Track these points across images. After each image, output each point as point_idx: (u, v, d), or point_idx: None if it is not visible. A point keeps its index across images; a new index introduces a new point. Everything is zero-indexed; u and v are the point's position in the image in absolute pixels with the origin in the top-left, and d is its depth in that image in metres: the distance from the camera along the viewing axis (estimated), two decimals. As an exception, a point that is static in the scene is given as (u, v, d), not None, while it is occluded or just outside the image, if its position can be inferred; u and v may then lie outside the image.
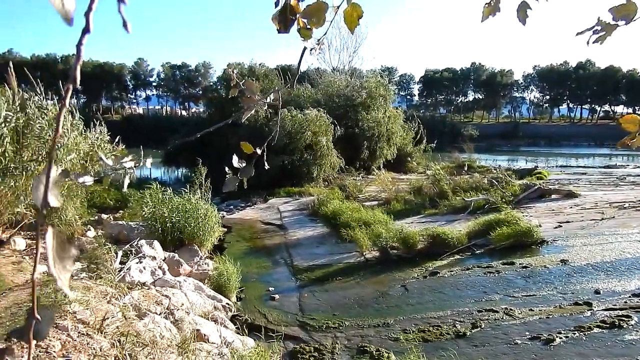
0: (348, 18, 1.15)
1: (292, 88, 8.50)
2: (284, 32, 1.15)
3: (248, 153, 1.40)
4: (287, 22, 1.13)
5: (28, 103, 8.71)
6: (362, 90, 23.70)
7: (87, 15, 0.58)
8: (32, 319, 0.60)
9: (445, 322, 6.52)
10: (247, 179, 1.44)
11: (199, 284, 7.22)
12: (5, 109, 7.86)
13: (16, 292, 4.99)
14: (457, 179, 15.90)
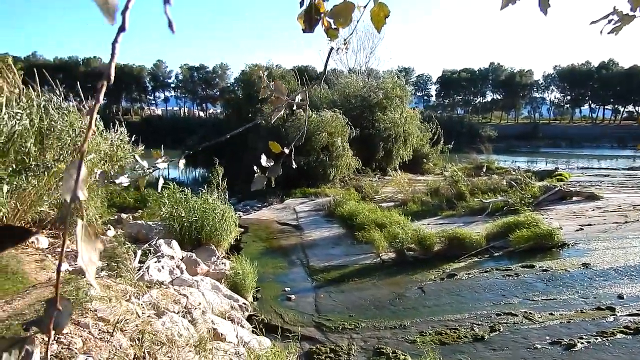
0: (375, 17, 1.14)
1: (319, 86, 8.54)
2: (309, 31, 1.15)
3: (275, 152, 1.41)
4: (312, 22, 1.13)
5: (50, 105, 8.92)
6: (379, 91, 23.59)
7: (124, 13, 0.59)
8: (54, 309, 0.61)
9: (462, 325, 6.44)
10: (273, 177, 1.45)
11: (216, 283, 7.28)
12: (28, 111, 8.06)
13: (39, 289, 5.10)
14: (475, 180, 15.71)
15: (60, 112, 8.84)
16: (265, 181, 1.45)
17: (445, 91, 76.50)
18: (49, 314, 0.60)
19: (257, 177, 1.44)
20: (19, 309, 4.32)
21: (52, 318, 0.60)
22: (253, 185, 1.44)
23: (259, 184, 1.44)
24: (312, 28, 1.15)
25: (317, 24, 1.15)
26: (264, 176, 1.43)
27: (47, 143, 8.36)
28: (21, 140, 7.60)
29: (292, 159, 1.42)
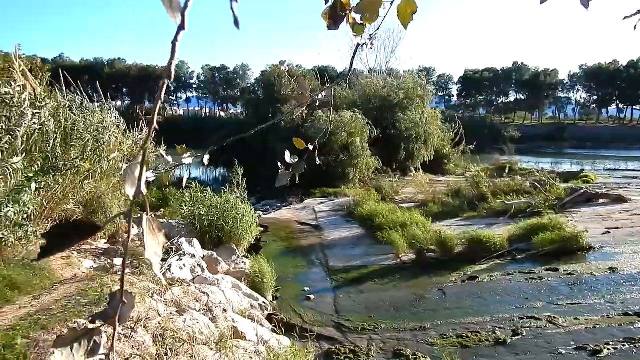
0: (402, 13, 1.13)
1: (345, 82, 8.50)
2: (334, 28, 1.15)
3: (299, 149, 1.41)
4: (337, 19, 1.13)
5: (74, 105, 9.16)
6: (399, 91, 23.43)
7: (183, 13, 0.60)
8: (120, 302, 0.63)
9: (484, 328, 6.35)
10: (298, 174, 1.45)
11: (236, 282, 7.34)
12: (53, 111, 8.28)
13: (65, 285, 5.22)
14: (497, 182, 15.44)
15: (83, 112, 9.06)
16: (289, 177, 1.46)
17: (467, 91, 75.45)
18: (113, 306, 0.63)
19: (281, 173, 1.44)
20: (46, 305, 4.43)
21: (117, 310, 0.63)
22: (278, 181, 1.44)
23: (283, 180, 1.44)
24: (337, 25, 1.14)
25: (342, 21, 1.14)
26: (288, 172, 1.44)
27: (71, 142, 8.57)
28: (46, 139, 7.80)
29: (316, 155, 1.42)
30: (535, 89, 69.64)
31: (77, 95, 9.82)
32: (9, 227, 5.82)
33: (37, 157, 7.60)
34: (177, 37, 0.63)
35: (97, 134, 8.97)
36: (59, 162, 7.96)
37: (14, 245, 5.99)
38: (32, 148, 7.62)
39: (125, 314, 0.64)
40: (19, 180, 6.42)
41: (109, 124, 9.52)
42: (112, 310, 0.63)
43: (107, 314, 0.63)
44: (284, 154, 1.50)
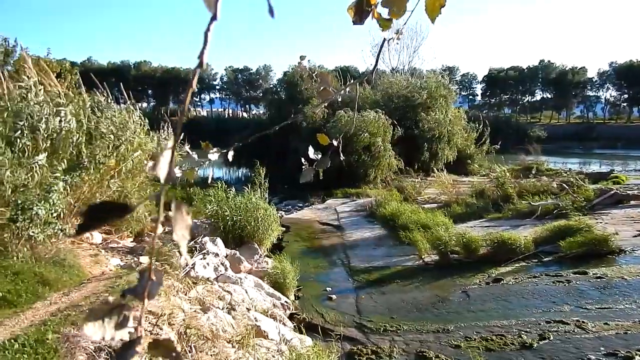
0: (430, 7, 1.10)
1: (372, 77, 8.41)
2: (359, 23, 1.13)
3: (324, 145, 1.41)
4: (363, 14, 1.11)
5: (100, 106, 9.40)
6: (422, 91, 23.21)
7: (216, 3, 0.62)
8: (149, 279, 0.67)
9: (509, 331, 6.22)
10: (322, 171, 1.45)
11: (259, 281, 7.39)
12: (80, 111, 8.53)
13: (94, 282, 5.36)
14: (523, 182, 15.13)
15: (106, 113, 9.27)
16: (313, 173, 1.45)
17: (491, 90, 74.10)
18: (142, 283, 0.66)
19: (305, 169, 1.44)
20: (75, 301, 4.55)
21: (146, 286, 0.66)
22: (302, 177, 1.44)
23: (307, 176, 1.44)
24: (363, 20, 1.13)
25: (368, 16, 1.12)
26: (311, 168, 1.44)
27: (95, 142, 8.80)
28: (69, 137, 8.01)
29: (340, 150, 1.42)
30: (563, 88, 67.88)
31: (103, 96, 10.08)
32: (39, 226, 6.00)
33: (63, 156, 7.81)
34: (210, 27, 0.65)
35: (120, 134, 9.18)
36: (85, 159, 8.17)
37: (44, 243, 6.17)
38: (57, 147, 7.84)
39: (153, 291, 0.67)
40: (47, 179, 6.62)
41: (132, 124, 9.74)
42: (142, 287, 0.66)
43: (137, 290, 0.67)
44: (304, 154, 1.50)
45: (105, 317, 0.64)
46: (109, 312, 0.64)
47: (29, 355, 3.41)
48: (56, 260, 6.03)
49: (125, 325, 0.66)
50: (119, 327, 0.65)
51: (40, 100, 7.69)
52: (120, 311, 0.65)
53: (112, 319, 0.64)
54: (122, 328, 0.65)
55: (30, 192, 6.26)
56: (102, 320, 0.64)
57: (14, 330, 3.92)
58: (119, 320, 0.65)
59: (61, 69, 14.85)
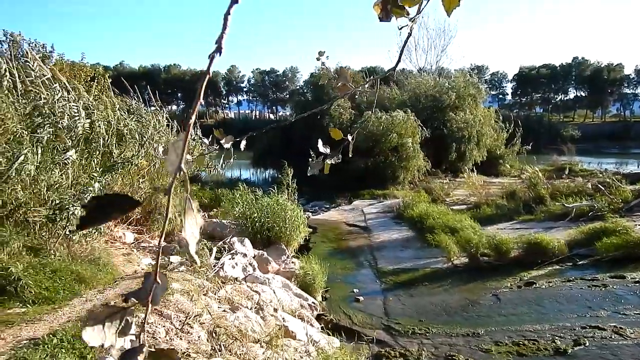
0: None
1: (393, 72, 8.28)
2: (386, 20, 1.12)
3: (337, 139, 1.40)
4: (390, 10, 1.09)
5: (131, 109, 9.66)
6: (450, 91, 22.88)
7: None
8: (153, 282, 0.63)
9: (542, 336, 6.06)
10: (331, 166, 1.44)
11: (286, 281, 7.43)
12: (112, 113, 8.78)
13: (126, 281, 5.50)
14: (556, 183, 14.70)
15: (137, 116, 9.51)
16: (321, 166, 1.45)
17: (522, 89, 72.38)
18: (146, 286, 0.63)
19: (313, 162, 1.44)
20: (110, 299, 4.68)
21: (151, 290, 0.63)
22: (310, 169, 1.44)
23: (315, 168, 1.44)
24: (389, 17, 1.11)
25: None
26: (320, 161, 1.43)
27: (125, 143, 9.04)
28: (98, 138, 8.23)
29: (351, 146, 1.41)
30: (598, 85, 65.63)
31: (133, 99, 10.35)
32: (75, 225, 6.20)
33: (95, 157, 8.04)
34: (230, 11, 0.64)
35: (146, 134, 9.41)
36: (117, 160, 8.40)
37: (80, 241, 6.38)
38: (89, 148, 8.07)
39: (158, 295, 0.64)
40: (81, 179, 6.84)
41: (159, 125, 9.98)
42: (146, 291, 0.63)
43: (141, 293, 0.63)
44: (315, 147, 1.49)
45: (106, 321, 0.60)
46: (109, 316, 0.60)
47: (67, 350, 3.52)
48: (91, 258, 6.22)
49: (127, 331, 0.61)
50: (120, 333, 0.61)
51: (71, 103, 7.92)
52: (122, 316, 0.61)
53: (113, 324, 0.60)
54: (123, 334, 0.61)
55: (65, 191, 6.47)
56: (102, 324, 0.60)
57: (53, 326, 4.06)
58: (121, 326, 0.61)
59: (95, 73, 15.34)
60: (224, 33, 0.64)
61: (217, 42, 0.64)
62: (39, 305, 4.85)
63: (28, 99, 6.94)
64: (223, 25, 0.64)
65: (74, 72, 13.87)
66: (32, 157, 5.90)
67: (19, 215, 5.73)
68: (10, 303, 4.81)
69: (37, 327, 4.11)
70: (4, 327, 4.13)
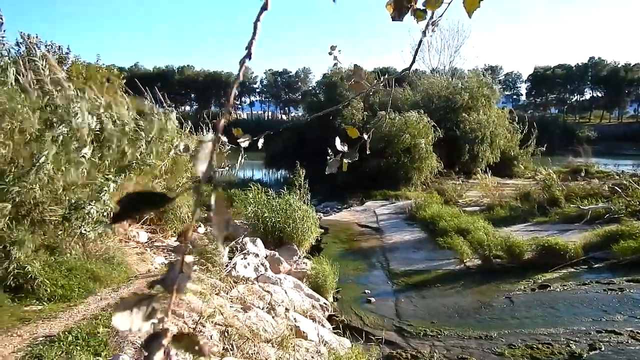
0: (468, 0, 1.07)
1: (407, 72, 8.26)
2: (398, 19, 1.12)
3: (353, 137, 1.41)
4: (402, 10, 1.10)
5: (142, 110, 9.76)
6: (464, 91, 22.71)
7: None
8: (179, 271, 0.68)
9: (557, 340, 5.98)
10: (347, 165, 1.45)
11: (298, 282, 7.45)
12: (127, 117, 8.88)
13: (140, 280, 5.57)
14: (571, 185, 14.50)
15: (151, 117, 9.60)
16: (339, 164, 1.45)
17: (537, 89, 71.51)
18: (171, 275, 0.67)
19: (331, 161, 1.44)
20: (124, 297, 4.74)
21: (175, 278, 0.67)
22: (328, 168, 1.44)
23: (333, 167, 1.44)
24: (402, 16, 1.11)
25: (407, 12, 1.11)
26: (337, 160, 1.44)
27: (137, 143, 9.13)
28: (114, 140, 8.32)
29: (367, 145, 1.41)
30: (615, 86, 64.54)
31: (147, 100, 10.47)
32: (91, 224, 6.29)
33: (110, 157, 8.12)
34: (260, 17, 0.66)
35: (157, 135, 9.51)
36: (133, 161, 8.49)
37: (95, 240, 6.47)
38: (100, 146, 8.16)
39: (183, 284, 0.67)
40: (96, 179, 6.93)
41: (169, 125, 10.08)
42: (171, 279, 0.67)
43: (166, 281, 0.67)
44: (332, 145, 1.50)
45: (135, 307, 0.65)
46: (138, 302, 0.65)
47: (82, 348, 3.58)
48: (106, 257, 6.31)
49: (154, 316, 0.66)
50: (147, 317, 0.66)
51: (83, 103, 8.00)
52: (149, 302, 0.66)
53: (140, 310, 0.65)
54: (150, 319, 0.66)
55: (81, 191, 6.57)
56: (131, 310, 0.64)
57: (68, 323, 4.13)
58: (148, 312, 0.66)
59: (110, 74, 15.56)
60: (253, 39, 0.67)
61: (247, 48, 0.67)
62: (54, 303, 4.93)
63: (44, 99, 7.03)
64: (253, 32, 0.67)
65: (89, 74, 14.07)
66: (51, 156, 5.99)
67: (36, 214, 5.83)
68: (26, 300, 4.91)
69: (53, 324, 4.18)
70: (20, 324, 4.22)
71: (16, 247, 5.01)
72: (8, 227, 5.18)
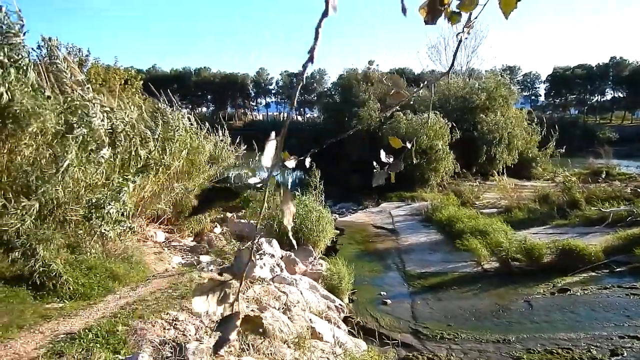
0: (504, 0, 1.06)
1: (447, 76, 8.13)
2: (431, 23, 1.12)
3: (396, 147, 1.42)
4: (436, 14, 1.10)
5: (156, 112, 9.88)
6: (481, 92, 22.47)
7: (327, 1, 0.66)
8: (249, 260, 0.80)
9: (577, 345, 5.86)
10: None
11: (313, 283, 7.45)
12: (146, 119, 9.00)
13: (158, 279, 5.63)
14: (592, 187, 14.21)
15: (165, 118, 9.70)
16: (385, 176, 1.45)
17: (556, 90, 70.33)
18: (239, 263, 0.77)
19: (377, 173, 1.45)
20: (142, 296, 4.81)
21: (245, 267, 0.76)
22: (374, 180, 1.45)
23: (380, 179, 1.45)
24: (435, 20, 1.11)
25: (440, 15, 1.10)
26: (384, 172, 1.44)
27: (163, 145, 9.23)
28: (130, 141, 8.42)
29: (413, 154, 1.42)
30: (637, 86, 63.12)
31: (163, 102, 10.58)
32: (110, 223, 6.39)
33: (128, 158, 8.22)
34: (321, 23, 0.69)
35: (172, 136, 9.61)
36: (152, 162, 8.59)
37: (114, 240, 6.57)
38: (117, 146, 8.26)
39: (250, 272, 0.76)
40: (115, 180, 7.03)
41: (187, 127, 10.17)
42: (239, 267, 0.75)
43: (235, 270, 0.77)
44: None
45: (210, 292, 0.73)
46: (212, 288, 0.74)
47: (101, 345, 3.64)
48: (124, 256, 6.40)
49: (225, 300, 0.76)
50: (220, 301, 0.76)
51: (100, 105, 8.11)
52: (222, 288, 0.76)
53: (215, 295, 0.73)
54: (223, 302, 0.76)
55: (100, 191, 6.68)
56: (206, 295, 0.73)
57: (88, 321, 4.20)
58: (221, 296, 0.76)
59: (128, 76, 15.82)
60: (316, 44, 0.72)
61: (309, 52, 0.72)
62: (75, 301, 5.02)
63: (64, 100, 7.15)
64: (315, 37, 0.71)
65: (108, 75, 14.33)
66: (73, 157, 6.10)
67: (59, 213, 5.94)
68: (48, 298, 5.01)
69: (74, 322, 4.26)
70: (42, 321, 4.30)
71: (42, 246, 5.11)
72: (34, 226, 5.30)
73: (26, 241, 5.09)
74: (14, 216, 5.10)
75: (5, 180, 5.62)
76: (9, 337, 3.92)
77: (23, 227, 5.11)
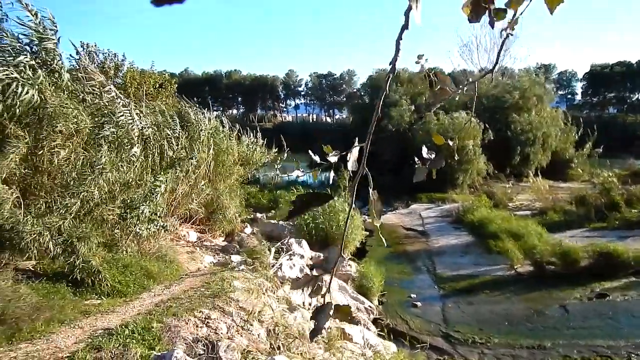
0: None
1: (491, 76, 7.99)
2: (475, 21, 1.11)
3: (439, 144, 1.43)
4: (480, 11, 1.09)
5: (198, 114, 10.07)
6: (514, 91, 21.91)
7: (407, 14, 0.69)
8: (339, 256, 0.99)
9: (617, 353, 5.66)
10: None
11: (343, 284, 7.45)
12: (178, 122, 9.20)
13: (191, 277, 5.76)
14: (632, 189, 13.65)
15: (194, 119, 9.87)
16: (426, 172, 1.45)
17: (593, 88, 67.81)
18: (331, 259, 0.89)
19: (418, 169, 1.45)
20: (176, 294, 4.93)
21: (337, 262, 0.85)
22: (415, 176, 1.45)
23: (420, 175, 1.45)
24: (479, 17, 1.10)
25: (484, 13, 1.10)
26: (425, 168, 1.44)
27: (194, 147, 9.41)
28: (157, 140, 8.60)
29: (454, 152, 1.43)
30: (681, 83, 60.25)
31: (195, 105, 10.78)
32: (145, 223, 6.58)
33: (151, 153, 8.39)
34: (401, 36, 0.73)
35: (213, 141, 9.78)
36: (183, 163, 8.77)
37: (149, 239, 6.76)
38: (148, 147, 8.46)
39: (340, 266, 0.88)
40: (146, 181, 7.23)
41: (220, 129, 10.34)
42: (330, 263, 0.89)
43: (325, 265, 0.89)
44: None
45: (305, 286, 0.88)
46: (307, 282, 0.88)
47: (137, 341, 3.75)
48: (159, 255, 6.58)
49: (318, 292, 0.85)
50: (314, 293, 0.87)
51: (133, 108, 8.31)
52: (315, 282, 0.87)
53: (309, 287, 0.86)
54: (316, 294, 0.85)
55: (134, 191, 6.88)
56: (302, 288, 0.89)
57: (124, 318, 4.34)
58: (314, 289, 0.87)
59: (162, 80, 16.22)
60: (397, 56, 0.77)
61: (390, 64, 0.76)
62: (112, 298, 5.19)
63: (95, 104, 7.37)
64: (395, 50, 0.76)
65: (143, 79, 14.73)
66: (108, 158, 6.32)
67: (97, 213, 6.16)
68: (87, 295, 5.20)
69: (111, 318, 4.40)
70: (82, 317, 4.47)
71: (82, 243, 5.32)
72: (74, 224, 5.52)
73: (67, 238, 5.30)
74: (57, 214, 5.32)
75: (47, 182, 5.87)
76: (51, 331, 4.09)
77: (64, 225, 5.33)
